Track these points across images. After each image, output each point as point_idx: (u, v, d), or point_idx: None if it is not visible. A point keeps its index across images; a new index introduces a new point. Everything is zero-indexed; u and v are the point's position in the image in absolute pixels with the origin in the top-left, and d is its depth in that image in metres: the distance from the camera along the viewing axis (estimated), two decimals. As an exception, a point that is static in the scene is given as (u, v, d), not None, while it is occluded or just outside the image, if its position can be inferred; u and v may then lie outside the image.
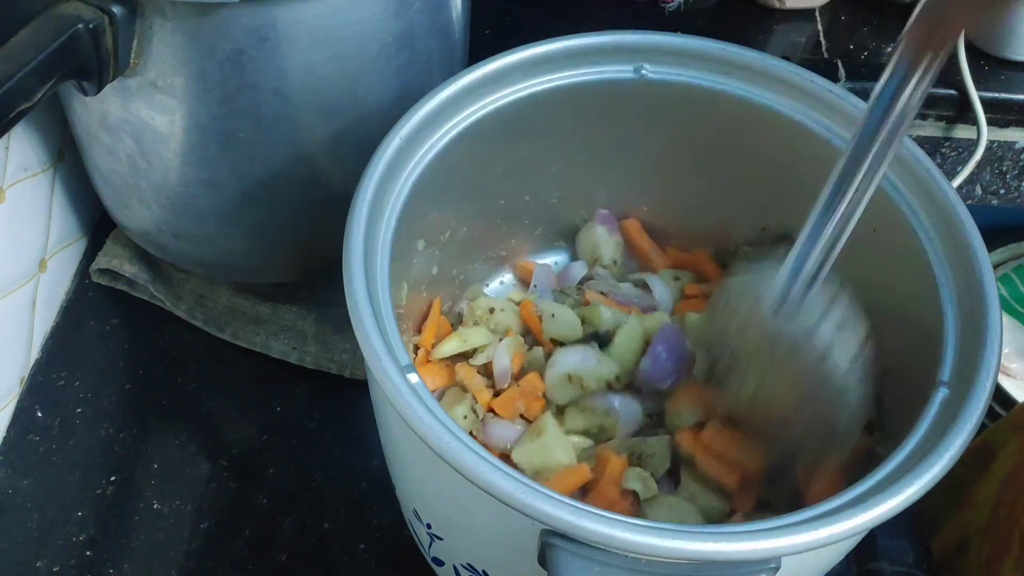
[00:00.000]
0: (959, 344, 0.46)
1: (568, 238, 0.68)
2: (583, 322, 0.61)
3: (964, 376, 0.44)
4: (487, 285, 0.67)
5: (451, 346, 0.59)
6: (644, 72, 0.57)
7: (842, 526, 0.39)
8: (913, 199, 0.52)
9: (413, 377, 0.42)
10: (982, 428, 0.43)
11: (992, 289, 0.46)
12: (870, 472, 0.42)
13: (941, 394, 0.44)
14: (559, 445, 0.55)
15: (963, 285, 0.48)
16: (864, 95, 0.53)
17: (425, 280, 0.60)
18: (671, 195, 0.65)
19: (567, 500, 0.38)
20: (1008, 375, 0.70)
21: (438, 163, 0.53)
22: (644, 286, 0.64)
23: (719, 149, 0.59)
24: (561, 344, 0.60)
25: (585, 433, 0.57)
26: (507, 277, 0.68)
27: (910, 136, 0.53)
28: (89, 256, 0.75)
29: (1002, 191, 0.91)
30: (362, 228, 0.47)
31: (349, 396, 0.68)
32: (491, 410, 0.58)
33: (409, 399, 0.41)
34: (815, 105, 0.55)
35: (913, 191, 0.52)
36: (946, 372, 0.45)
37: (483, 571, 0.47)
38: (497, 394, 0.59)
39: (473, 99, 0.54)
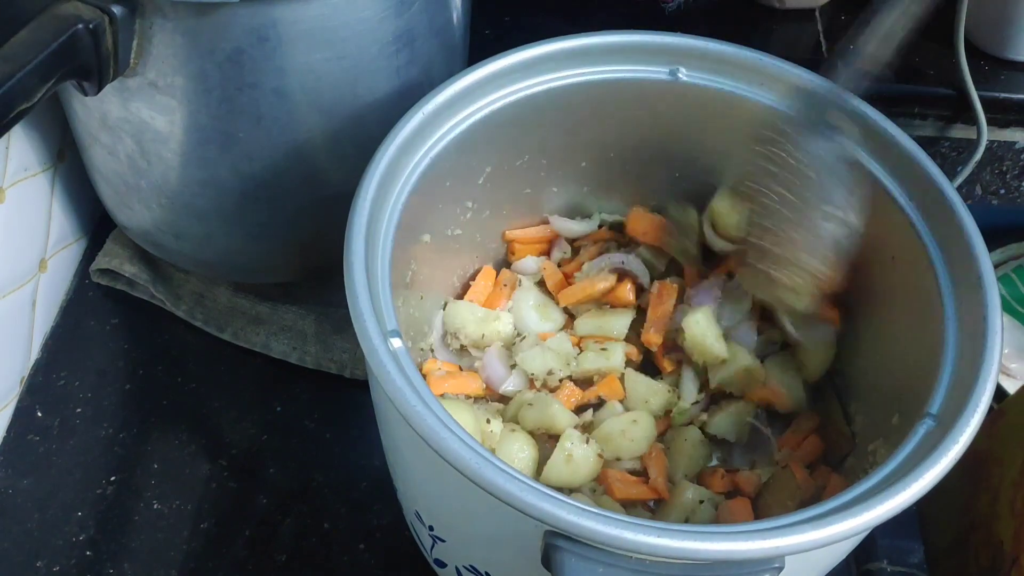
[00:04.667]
0: (953, 377, 0.46)
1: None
2: None
3: (952, 411, 0.44)
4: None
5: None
6: (679, 75, 0.57)
7: (845, 525, 0.39)
8: (915, 202, 0.52)
9: (396, 342, 0.43)
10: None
11: (996, 323, 0.46)
12: (845, 489, 0.42)
13: (925, 426, 0.44)
14: None
15: (968, 315, 0.47)
16: (865, 96, 0.53)
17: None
18: (686, 194, 0.64)
19: (571, 501, 0.38)
20: (1008, 375, 0.71)
21: (448, 155, 0.54)
22: None
23: (742, 159, 0.59)
24: None
25: None
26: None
27: (911, 136, 0.53)
28: (89, 256, 0.75)
29: (1002, 191, 0.91)
30: (364, 220, 0.47)
31: (349, 396, 0.68)
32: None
33: (413, 401, 0.41)
34: (852, 129, 0.54)
35: (915, 193, 0.52)
36: (935, 404, 0.45)
37: (486, 573, 0.47)
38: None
39: (494, 88, 0.55)
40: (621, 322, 0.61)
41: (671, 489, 0.55)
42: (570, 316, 0.63)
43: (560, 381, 0.59)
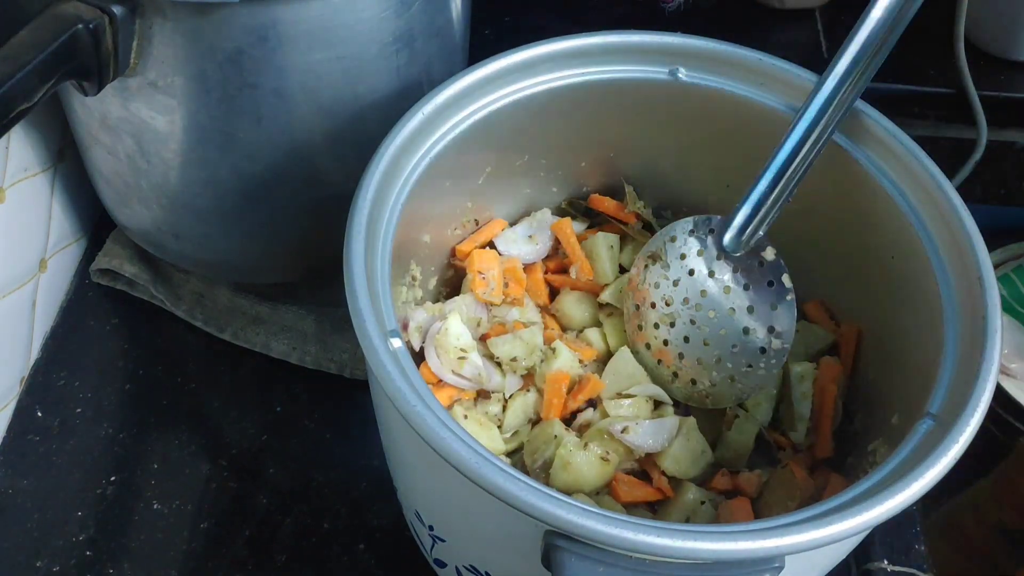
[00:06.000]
0: (953, 377, 0.46)
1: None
2: None
3: (952, 410, 0.44)
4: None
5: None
6: (678, 75, 0.57)
7: (845, 525, 0.39)
8: (915, 201, 0.52)
9: (396, 342, 0.43)
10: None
11: (996, 323, 0.45)
12: (845, 489, 0.42)
13: (926, 426, 0.44)
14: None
15: (968, 314, 0.47)
16: (865, 96, 0.53)
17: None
18: (687, 195, 0.64)
19: (571, 501, 0.38)
20: (1008, 375, 0.70)
21: (448, 155, 0.54)
22: None
23: (742, 160, 0.59)
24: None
25: None
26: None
27: (911, 136, 0.53)
28: (89, 256, 0.75)
29: (1002, 191, 0.91)
30: (364, 220, 0.47)
31: (349, 396, 0.69)
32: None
33: (413, 401, 0.41)
34: (851, 129, 0.55)
35: (914, 192, 0.52)
36: (935, 404, 0.45)
37: (486, 572, 0.47)
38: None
39: (494, 88, 0.55)
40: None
41: (674, 488, 0.55)
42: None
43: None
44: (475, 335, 0.58)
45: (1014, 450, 0.68)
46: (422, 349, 0.56)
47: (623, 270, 0.63)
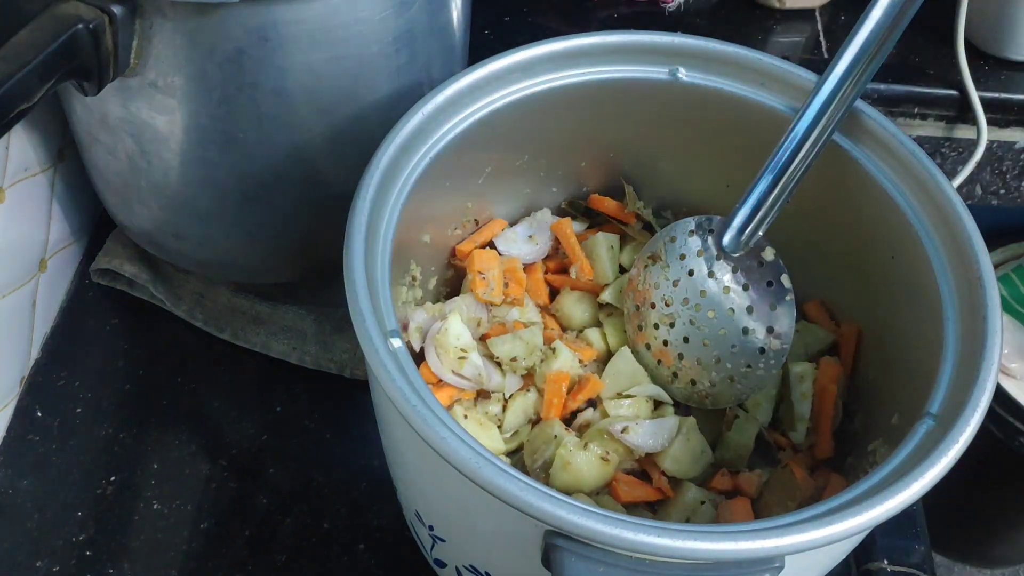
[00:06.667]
0: (953, 377, 0.46)
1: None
2: None
3: (952, 410, 0.44)
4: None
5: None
6: (678, 75, 0.57)
7: (845, 525, 0.39)
8: (915, 202, 0.52)
9: (396, 342, 0.43)
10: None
11: (996, 323, 0.45)
12: (845, 489, 0.42)
13: (926, 426, 0.44)
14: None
15: (968, 314, 0.47)
16: (865, 96, 0.53)
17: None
18: (687, 195, 0.64)
19: (571, 501, 0.38)
20: (1008, 375, 0.71)
21: (448, 155, 0.54)
22: None
23: (742, 160, 0.59)
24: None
25: None
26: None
27: (911, 136, 0.53)
28: (89, 256, 0.75)
29: (1002, 191, 0.91)
30: (364, 220, 0.47)
31: (349, 396, 0.69)
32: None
33: (413, 401, 0.41)
34: (851, 129, 0.55)
35: (914, 192, 0.52)
36: (935, 404, 0.45)
37: (486, 572, 0.47)
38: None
39: (494, 88, 0.55)
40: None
41: (674, 488, 0.55)
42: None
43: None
44: (475, 335, 0.58)
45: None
46: (422, 349, 0.56)
47: (623, 270, 0.63)
